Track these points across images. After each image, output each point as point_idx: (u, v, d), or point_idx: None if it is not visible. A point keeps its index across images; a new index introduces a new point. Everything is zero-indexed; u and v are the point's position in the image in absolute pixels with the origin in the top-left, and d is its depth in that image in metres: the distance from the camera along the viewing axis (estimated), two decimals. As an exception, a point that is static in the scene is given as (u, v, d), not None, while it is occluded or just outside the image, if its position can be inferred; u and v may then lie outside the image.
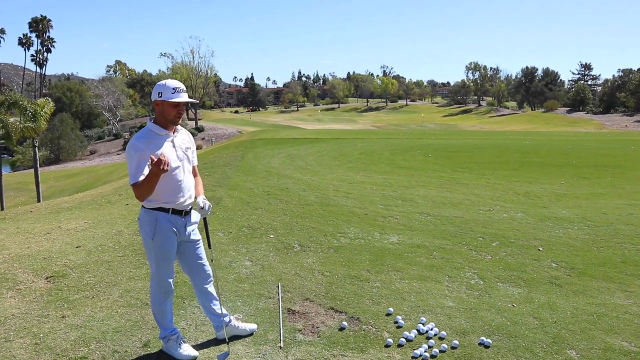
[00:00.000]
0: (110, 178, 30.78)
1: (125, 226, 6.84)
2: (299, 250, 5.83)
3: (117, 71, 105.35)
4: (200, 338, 3.71)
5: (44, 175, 34.70)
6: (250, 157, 15.87)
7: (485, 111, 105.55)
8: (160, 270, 3.37)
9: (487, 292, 4.62)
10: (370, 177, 12.02)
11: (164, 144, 3.26)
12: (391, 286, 4.73)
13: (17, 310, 4.15)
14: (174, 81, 3.29)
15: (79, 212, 8.53)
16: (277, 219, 7.24)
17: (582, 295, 4.57)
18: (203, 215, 3.47)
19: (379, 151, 19.01)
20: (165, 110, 3.26)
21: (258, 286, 4.69)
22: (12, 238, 6.57)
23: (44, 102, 26.24)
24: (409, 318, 4.04)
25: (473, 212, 8.01)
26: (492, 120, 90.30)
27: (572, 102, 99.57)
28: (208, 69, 73.17)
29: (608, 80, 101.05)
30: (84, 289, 4.58)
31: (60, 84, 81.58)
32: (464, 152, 19.28)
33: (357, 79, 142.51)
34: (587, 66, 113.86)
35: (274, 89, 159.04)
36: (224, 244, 5.95)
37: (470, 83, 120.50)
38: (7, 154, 54.63)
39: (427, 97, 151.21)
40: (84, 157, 57.79)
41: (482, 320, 4.02)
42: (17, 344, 3.56)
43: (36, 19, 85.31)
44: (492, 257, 5.66)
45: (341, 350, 3.52)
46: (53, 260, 5.38)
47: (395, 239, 6.34)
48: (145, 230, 3.31)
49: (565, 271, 5.19)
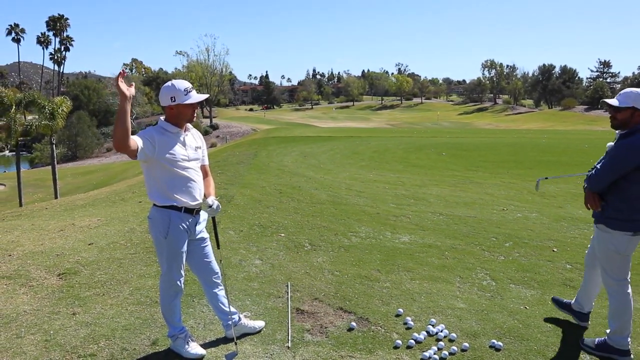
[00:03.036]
0: (125, 175, 31.10)
1: (138, 224, 6.88)
2: (310, 249, 5.81)
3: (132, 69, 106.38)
4: (209, 337, 3.71)
5: (62, 172, 35.23)
6: (263, 155, 15.90)
7: (501, 109, 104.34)
8: (171, 268, 3.37)
9: (499, 294, 4.55)
10: (383, 176, 11.96)
11: (174, 141, 3.27)
12: (401, 286, 4.68)
13: (29, 306, 4.19)
14: (181, 82, 3.28)
15: (93, 210, 8.62)
16: (288, 217, 7.23)
17: (598, 298, 4.43)
18: (212, 214, 3.47)
19: (393, 149, 18.92)
20: (182, 112, 3.26)
21: (267, 285, 4.68)
22: (27, 235, 6.66)
23: (62, 100, 26.63)
24: (419, 319, 3.99)
25: (486, 212, 7.91)
26: (508, 119, 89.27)
27: (591, 100, 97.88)
28: (223, 66, 73.60)
29: (628, 77, 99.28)
30: (95, 287, 4.61)
31: (77, 82, 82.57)
32: (478, 150, 19.09)
33: (372, 77, 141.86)
34: (606, 63, 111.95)
35: (289, 87, 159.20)
36: (234, 242, 5.96)
37: (486, 81, 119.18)
38: (26, 151, 55.59)
39: (442, 95, 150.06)
40: (101, 154, 58.49)
41: (493, 323, 3.95)
42: (27, 340, 3.59)
43: (54, 17, 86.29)
44: (505, 257, 5.58)
45: (349, 351, 3.49)
46: (65, 257, 5.44)
47: (406, 238, 6.28)
48: (158, 228, 3.31)
49: (580, 273, 5.09)
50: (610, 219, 3.34)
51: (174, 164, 3.24)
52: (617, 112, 3.29)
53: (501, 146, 21.19)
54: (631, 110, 3.22)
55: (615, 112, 3.30)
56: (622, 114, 3.26)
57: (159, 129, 3.27)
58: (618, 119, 3.29)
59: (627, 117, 3.24)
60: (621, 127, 3.31)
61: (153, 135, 3.18)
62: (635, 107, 3.21)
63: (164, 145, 3.19)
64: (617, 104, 3.26)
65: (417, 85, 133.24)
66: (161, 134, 3.24)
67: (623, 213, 3.29)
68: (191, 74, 66.43)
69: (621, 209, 3.29)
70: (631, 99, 3.22)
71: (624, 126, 3.29)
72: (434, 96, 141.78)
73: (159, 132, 3.25)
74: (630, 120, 3.25)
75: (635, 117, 3.23)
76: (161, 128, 3.28)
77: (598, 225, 3.45)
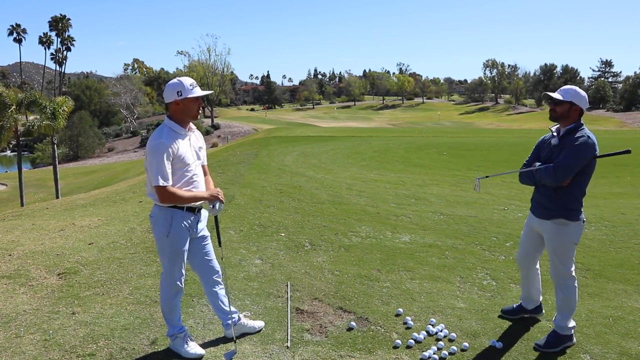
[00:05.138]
0: (127, 175, 31.11)
1: (138, 223, 6.88)
2: (310, 248, 5.80)
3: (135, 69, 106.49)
4: (208, 336, 3.70)
5: (63, 172, 35.26)
6: (264, 154, 15.89)
7: (503, 109, 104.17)
8: (173, 267, 3.37)
9: (500, 294, 4.54)
10: (384, 176, 11.95)
11: (184, 145, 3.28)
12: (401, 286, 4.67)
13: (28, 306, 4.19)
14: (186, 78, 3.29)
15: (93, 209, 8.62)
16: (288, 217, 7.22)
17: (597, 298, 4.46)
18: (214, 214, 3.47)
19: (394, 149, 18.90)
20: (188, 107, 3.26)
21: (267, 285, 4.67)
22: (27, 234, 6.66)
23: (63, 100, 26.65)
24: (419, 319, 3.98)
25: (487, 212, 7.90)
26: (509, 118, 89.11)
27: (592, 99, 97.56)
28: (224, 66, 73.44)
29: (629, 77, 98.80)
30: (94, 286, 4.61)
31: (79, 82, 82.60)
32: (479, 150, 19.07)
33: (373, 77, 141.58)
34: (607, 63, 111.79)
35: (290, 87, 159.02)
36: (234, 242, 5.95)
37: (488, 80, 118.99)
38: (27, 151, 55.66)
39: (444, 94, 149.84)
40: (102, 154, 58.49)
41: (493, 322, 3.94)
42: (27, 340, 3.59)
43: (56, 18, 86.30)
44: (505, 257, 5.56)
45: (348, 351, 3.48)
46: (65, 257, 5.43)
47: (407, 238, 6.27)
48: (160, 227, 3.30)
49: (580, 273, 5.07)
50: (572, 211, 3.48)
51: (183, 167, 3.26)
52: (556, 106, 3.51)
53: (502, 146, 21.16)
54: (569, 105, 3.46)
55: (555, 105, 3.51)
56: (561, 108, 3.48)
57: (168, 131, 3.24)
58: (557, 111, 3.51)
59: (565, 110, 3.48)
60: (558, 120, 3.54)
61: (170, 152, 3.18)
62: (572, 102, 3.45)
63: (177, 152, 3.22)
64: (560, 98, 3.46)
65: (418, 85, 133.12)
66: (172, 139, 3.21)
67: (579, 203, 3.49)
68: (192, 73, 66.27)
69: (578, 199, 3.49)
70: (570, 94, 3.46)
71: (561, 119, 3.51)
72: (436, 96, 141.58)
73: (170, 137, 3.22)
74: (568, 114, 3.48)
75: (572, 111, 3.47)
76: (170, 130, 3.26)
77: (555, 220, 3.52)
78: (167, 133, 3.23)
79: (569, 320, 3.57)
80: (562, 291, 3.56)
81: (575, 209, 3.47)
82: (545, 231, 3.61)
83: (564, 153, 3.41)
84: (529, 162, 3.74)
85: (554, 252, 3.56)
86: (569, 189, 3.45)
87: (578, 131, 3.44)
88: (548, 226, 3.56)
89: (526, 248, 3.85)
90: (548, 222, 3.56)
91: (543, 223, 3.60)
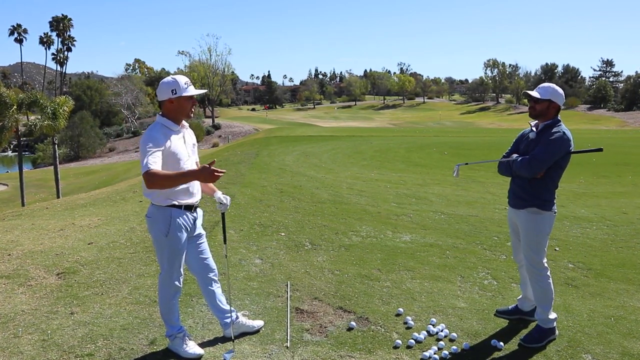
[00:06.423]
0: (128, 175, 31.11)
1: (138, 223, 6.86)
2: (310, 248, 5.78)
3: (135, 69, 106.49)
4: (207, 336, 3.68)
5: (64, 172, 35.26)
6: (264, 154, 15.88)
7: (504, 108, 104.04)
8: (172, 267, 3.33)
9: (501, 293, 4.51)
10: (385, 175, 11.92)
11: (178, 141, 3.25)
12: (402, 286, 4.65)
13: (27, 306, 4.17)
14: (180, 76, 3.26)
15: (93, 209, 8.61)
16: (289, 216, 7.20)
17: (599, 297, 4.43)
18: (223, 210, 3.47)
19: (395, 149, 18.88)
20: (182, 105, 3.23)
21: (267, 284, 4.65)
22: (26, 234, 6.65)
23: (64, 99, 26.63)
24: (419, 319, 3.96)
25: (488, 211, 7.87)
26: (510, 118, 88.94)
27: (593, 99, 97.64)
28: (225, 66, 73.39)
29: (630, 76, 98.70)
30: (93, 286, 4.59)
31: (80, 82, 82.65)
32: (480, 149, 19.04)
33: (374, 77, 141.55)
34: (608, 62, 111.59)
35: (291, 87, 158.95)
36: (234, 242, 5.93)
37: (489, 80, 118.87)
38: (28, 151, 55.69)
39: (445, 94, 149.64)
40: (103, 154, 58.51)
41: (494, 322, 3.92)
42: (25, 340, 3.57)
43: (57, 18, 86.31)
44: (506, 257, 5.54)
45: (348, 351, 3.46)
46: (65, 257, 5.42)
47: (407, 237, 6.24)
48: (159, 227, 3.26)
49: (582, 272, 5.05)
50: (545, 201, 3.58)
51: (178, 163, 3.20)
52: (536, 103, 3.61)
53: (503, 145, 21.09)
54: (547, 103, 3.57)
55: (535, 102, 3.62)
56: (540, 105, 3.59)
57: (161, 128, 3.21)
58: (537, 109, 3.62)
59: (544, 108, 3.59)
60: (538, 117, 3.64)
61: (161, 144, 3.11)
62: (551, 100, 3.57)
63: (170, 147, 3.16)
64: (538, 96, 3.57)
65: (419, 85, 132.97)
66: (165, 135, 3.17)
67: (551, 195, 3.60)
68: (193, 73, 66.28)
69: (551, 191, 3.60)
70: (549, 92, 3.58)
71: (541, 116, 3.62)
72: (436, 95, 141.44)
73: (163, 133, 3.18)
74: (547, 111, 3.59)
75: (551, 109, 3.59)
76: (163, 126, 3.22)
77: (529, 209, 3.62)
78: (160, 129, 3.20)
79: (549, 311, 3.64)
80: (538, 283, 3.65)
81: (548, 200, 3.58)
82: (519, 220, 3.72)
83: (540, 147, 3.54)
84: (508, 154, 3.87)
85: (528, 242, 3.66)
86: (543, 181, 3.57)
87: (555, 127, 3.57)
88: (522, 215, 3.68)
89: (514, 242, 3.95)
90: (522, 212, 3.67)
91: (518, 213, 3.72)
